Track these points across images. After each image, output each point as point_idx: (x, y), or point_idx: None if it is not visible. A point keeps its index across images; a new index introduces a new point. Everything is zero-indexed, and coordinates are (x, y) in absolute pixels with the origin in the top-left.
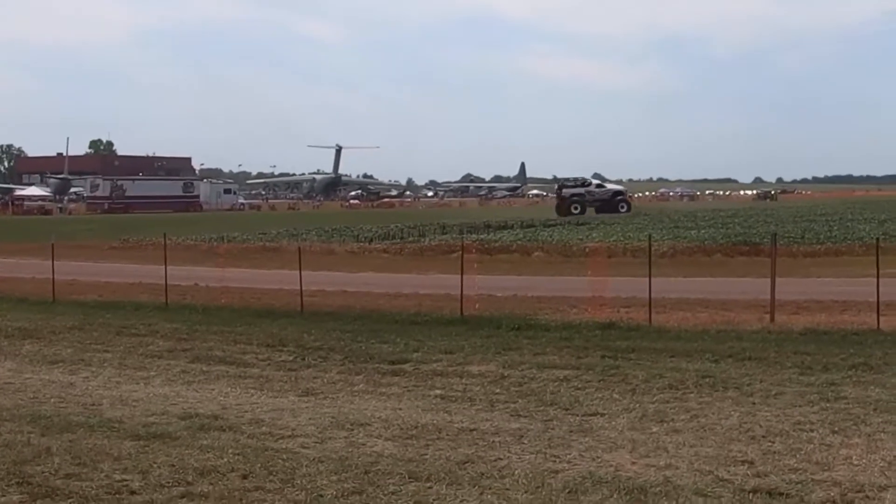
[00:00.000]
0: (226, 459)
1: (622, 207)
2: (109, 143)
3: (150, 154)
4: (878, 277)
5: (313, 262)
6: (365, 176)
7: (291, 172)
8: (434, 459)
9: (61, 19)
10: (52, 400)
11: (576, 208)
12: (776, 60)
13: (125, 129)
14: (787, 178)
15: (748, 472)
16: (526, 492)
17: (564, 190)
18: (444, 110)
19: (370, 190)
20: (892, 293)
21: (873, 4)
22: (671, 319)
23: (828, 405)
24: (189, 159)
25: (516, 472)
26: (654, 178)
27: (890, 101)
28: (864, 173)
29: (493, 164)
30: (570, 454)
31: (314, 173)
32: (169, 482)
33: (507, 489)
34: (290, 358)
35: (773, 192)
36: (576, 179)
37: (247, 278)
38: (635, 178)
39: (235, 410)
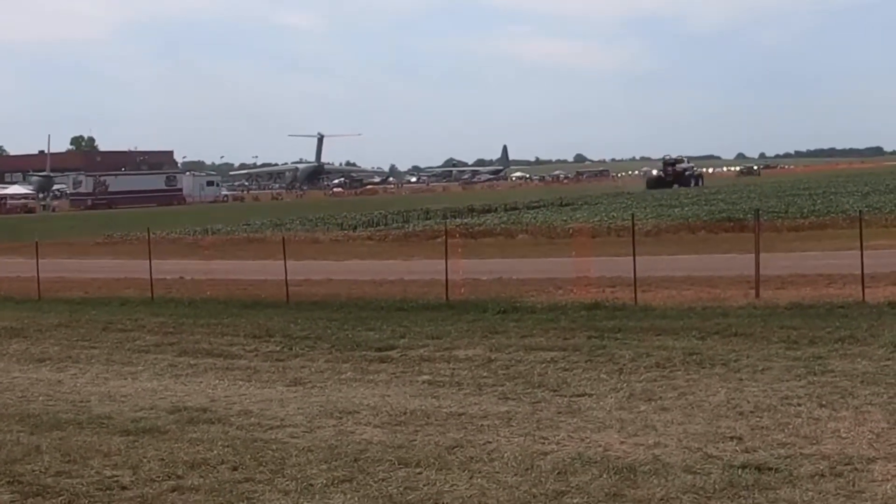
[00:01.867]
0: (215, 452)
1: (694, 181)
2: (91, 140)
3: (132, 149)
4: (861, 250)
5: (298, 252)
6: (348, 164)
7: (274, 162)
8: (423, 445)
9: (40, 16)
10: (41, 398)
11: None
12: (756, 36)
13: (106, 124)
14: (770, 154)
15: (737, 448)
16: (515, 474)
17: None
18: (426, 96)
19: (353, 177)
20: (876, 265)
21: None
22: (657, 298)
23: (815, 379)
24: (171, 153)
25: (505, 454)
26: (637, 158)
27: (870, 74)
28: (847, 146)
29: (476, 148)
30: (558, 435)
31: (297, 163)
32: (159, 476)
33: (497, 472)
34: (278, 348)
35: (756, 168)
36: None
37: (232, 270)
38: (618, 157)
39: (224, 402)
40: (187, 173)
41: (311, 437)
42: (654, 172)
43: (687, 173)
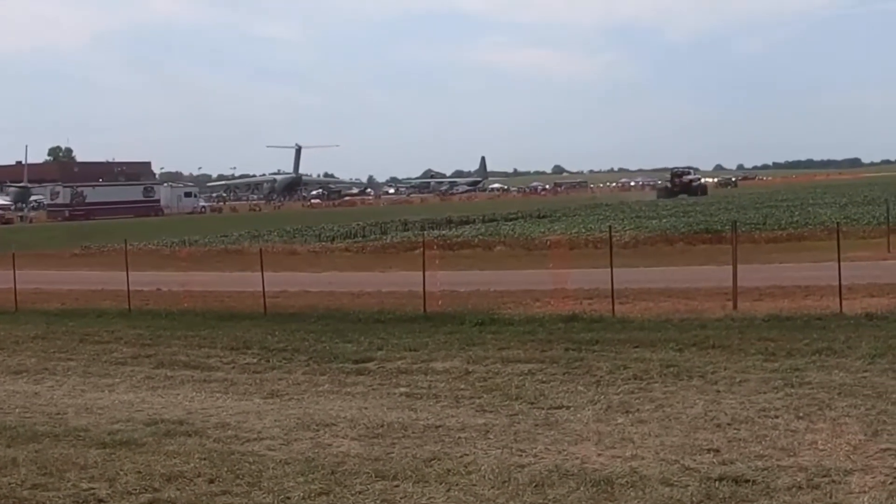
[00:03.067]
0: (192, 464)
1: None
2: (69, 150)
3: (110, 160)
4: (839, 262)
5: (276, 263)
6: (326, 175)
7: (252, 174)
8: (400, 458)
9: (16, 25)
10: (17, 410)
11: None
12: (734, 46)
13: (84, 135)
14: (748, 165)
15: (714, 461)
16: (492, 487)
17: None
18: (404, 107)
19: (331, 189)
20: (854, 277)
21: None
22: (634, 310)
23: (792, 391)
24: (149, 164)
25: (483, 467)
26: (615, 169)
27: (848, 85)
28: (825, 158)
29: (454, 159)
30: (535, 448)
31: (275, 174)
32: (136, 489)
33: (474, 485)
34: (255, 360)
35: (733, 179)
36: (684, 169)
37: (209, 282)
38: (596, 168)
39: (201, 415)
40: (165, 184)
41: (288, 449)
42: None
43: (693, 184)
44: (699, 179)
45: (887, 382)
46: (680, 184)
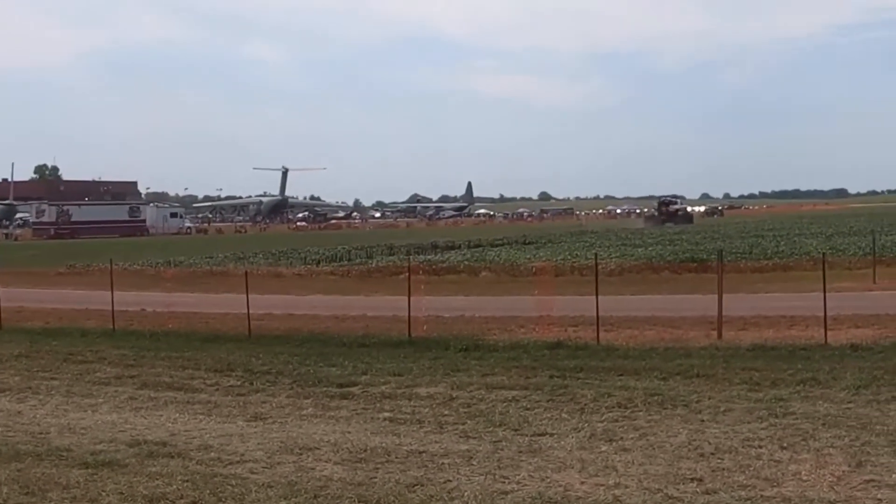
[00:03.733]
0: (175, 486)
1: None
2: (55, 169)
3: (96, 179)
4: (824, 292)
5: (260, 286)
6: (312, 198)
7: (238, 195)
8: (383, 482)
9: (2, 43)
10: (0, 429)
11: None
12: (721, 75)
13: (70, 153)
14: (735, 194)
15: (697, 490)
16: None
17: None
18: (391, 131)
19: (317, 212)
20: (839, 308)
21: (818, 18)
22: (619, 338)
23: (776, 421)
24: (135, 183)
25: (466, 493)
26: (602, 196)
27: (836, 116)
28: (811, 188)
29: (440, 184)
30: (519, 475)
31: (261, 196)
32: None
33: None
34: (239, 383)
35: (720, 208)
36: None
37: (194, 303)
38: (582, 195)
39: (184, 437)
40: (151, 204)
41: (270, 472)
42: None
43: (679, 213)
44: (685, 208)
45: (871, 414)
46: (666, 212)
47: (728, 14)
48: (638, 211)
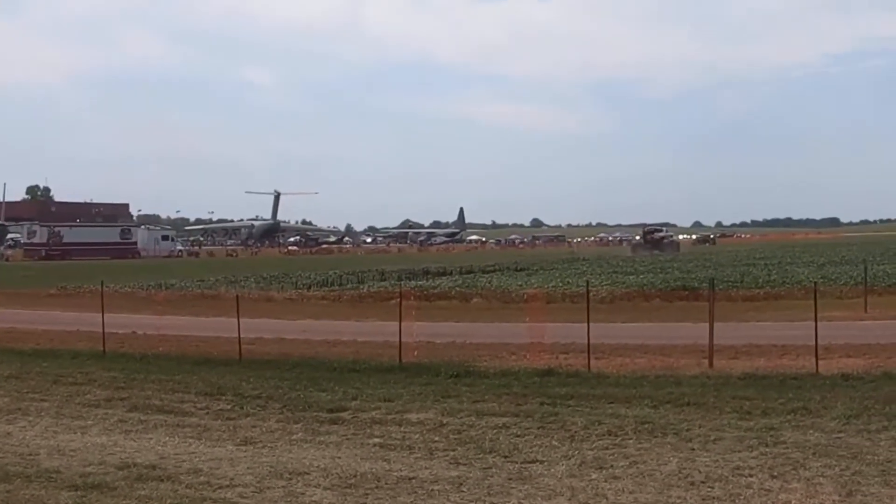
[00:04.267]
0: None
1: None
2: (46, 189)
3: (88, 200)
4: (816, 321)
5: (252, 310)
6: (304, 222)
7: (230, 219)
8: None
9: None
10: None
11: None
12: (714, 103)
13: (63, 174)
14: (727, 222)
15: None
16: None
17: (649, 235)
18: (383, 156)
19: (309, 236)
20: (830, 337)
21: (811, 47)
22: (610, 365)
23: (767, 450)
24: (127, 205)
25: None
26: (594, 223)
27: (828, 145)
28: (804, 216)
29: (432, 209)
30: (509, 502)
31: (253, 219)
32: None
33: None
34: (229, 406)
35: (711, 236)
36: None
37: (185, 326)
38: (574, 223)
39: (174, 460)
40: (142, 227)
41: (260, 497)
42: (637, 238)
43: (665, 241)
44: (671, 236)
45: (862, 443)
46: (651, 240)
47: (722, 42)
48: (629, 238)
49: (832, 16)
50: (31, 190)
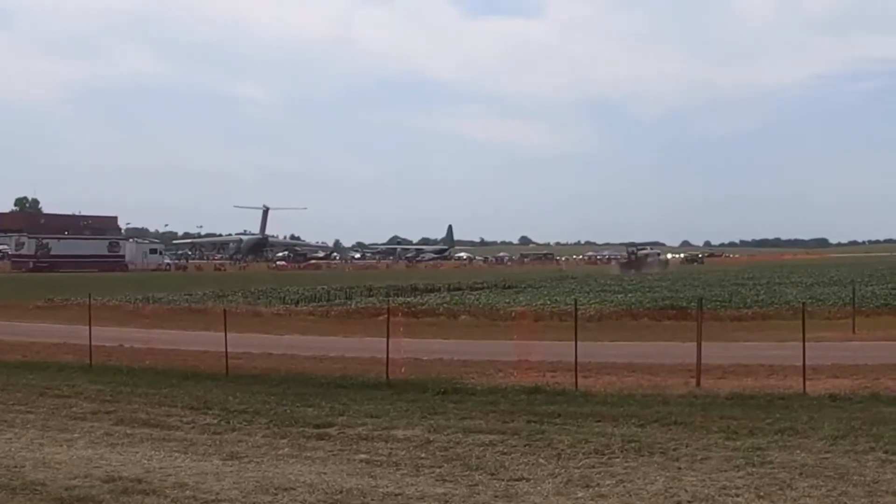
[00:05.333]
0: None
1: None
2: (35, 201)
3: (76, 213)
4: (804, 342)
5: (239, 324)
6: (292, 237)
7: (218, 233)
8: None
9: None
10: None
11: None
12: (703, 122)
13: (51, 186)
14: (715, 242)
15: None
16: None
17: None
18: (372, 172)
19: (297, 251)
20: (818, 357)
21: (800, 69)
22: (597, 384)
23: (753, 470)
24: (115, 218)
25: None
26: (582, 241)
27: (817, 166)
28: (792, 237)
29: (421, 226)
30: None
31: (241, 234)
32: None
33: None
34: (215, 421)
35: (700, 256)
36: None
37: (172, 340)
38: (563, 241)
39: (159, 474)
40: (130, 240)
41: None
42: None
43: (649, 259)
44: (657, 254)
45: (849, 464)
46: (637, 259)
47: (711, 63)
48: (616, 257)
49: (821, 37)
50: (20, 202)
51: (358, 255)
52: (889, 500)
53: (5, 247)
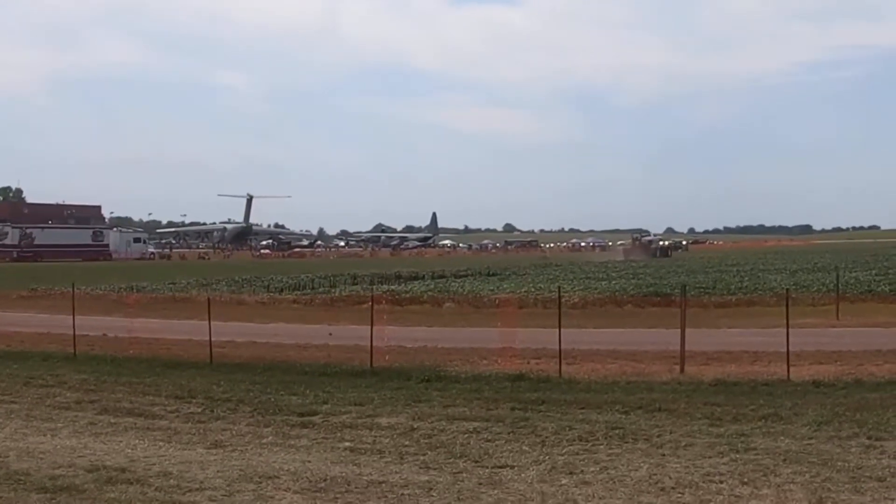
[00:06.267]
0: None
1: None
2: (19, 191)
3: (60, 202)
4: (787, 328)
5: (223, 313)
6: (276, 225)
7: (202, 221)
8: None
9: None
10: None
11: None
12: (686, 110)
13: (35, 176)
14: (700, 229)
15: None
16: None
17: (644, 238)
18: (356, 160)
19: (281, 240)
20: (802, 343)
21: (782, 56)
22: (581, 371)
23: (737, 456)
24: (99, 208)
25: None
26: (566, 229)
27: (801, 153)
28: (776, 223)
29: (405, 214)
30: None
31: (225, 223)
32: None
33: None
34: (199, 410)
35: (684, 243)
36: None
37: (156, 329)
38: (547, 228)
39: (143, 463)
40: (114, 229)
41: (229, 500)
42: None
43: (653, 245)
44: (660, 241)
45: (833, 450)
46: (643, 245)
47: (694, 51)
48: (601, 244)
49: (805, 25)
50: (3, 191)
51: (342, 243)
52: (873, 485)
53: None
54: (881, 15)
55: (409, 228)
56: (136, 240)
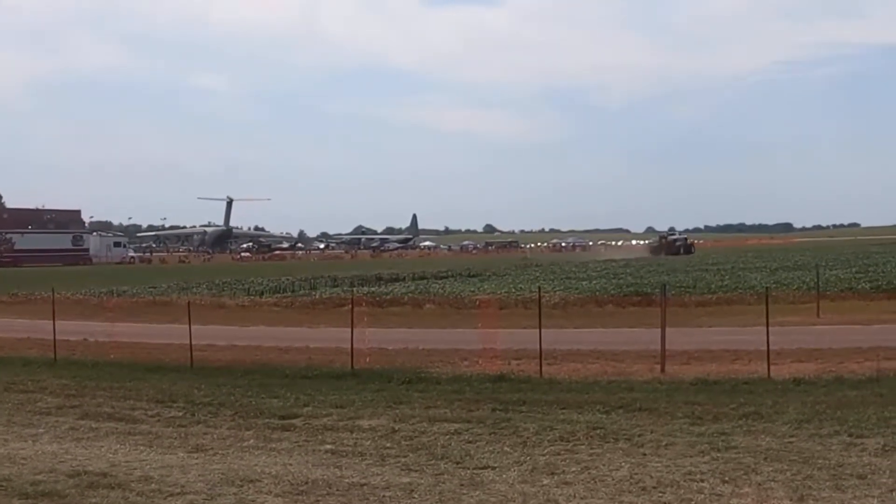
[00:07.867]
0: None
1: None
2: None
3: (40, 207)
4: (767, 326)
5: (203, 316)
6: (256, 228)
7: (182, 225)
8: None
9: None
10: None
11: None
12: (666, 110)
13: (14, 180)
14: (680, 228)
15: None
16: None
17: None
18: (336, 162)
19: (261, 242)
20: (782, 342)
21: (763, 55)
22: (562, 371)
23: (718, 455)
24: (79, 212)
25: None
26: (547, 229)
27: (781, 151)
28: (757, 222)
29: (385, 215)
30: None
31: (205, 226)
32: None
33: None
34: (180, 414)
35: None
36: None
37: (136, 333)
38: (527, 228)
39: (124, 468)
40: (94, 233)
41: None
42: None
43: (678, 243)
44: (684, 239)
45: (814, 448)
46: (668, 244)
47: (674, 50)
48: (581, 244)
49: (783, 23)
50: None
51: (322, 246)
52: (854, 482)
53: None
54: (861, 13)
55: (389, 230)
56: (117, 244)
